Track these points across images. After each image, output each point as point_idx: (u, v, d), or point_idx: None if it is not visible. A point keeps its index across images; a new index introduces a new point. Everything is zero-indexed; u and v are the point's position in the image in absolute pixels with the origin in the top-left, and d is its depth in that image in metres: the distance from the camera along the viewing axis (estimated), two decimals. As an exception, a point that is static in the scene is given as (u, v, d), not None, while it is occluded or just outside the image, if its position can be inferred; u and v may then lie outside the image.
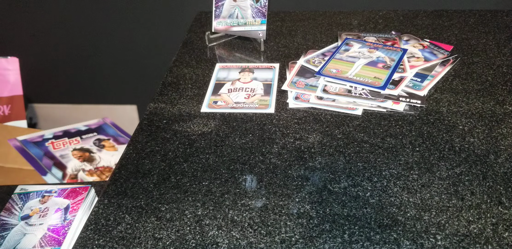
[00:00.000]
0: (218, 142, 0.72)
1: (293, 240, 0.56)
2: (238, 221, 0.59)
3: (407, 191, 0.61)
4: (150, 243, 0.57)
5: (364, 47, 0.88)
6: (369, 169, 0.65)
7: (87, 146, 1.12)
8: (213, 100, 0.82)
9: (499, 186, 0.61)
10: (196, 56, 0.96)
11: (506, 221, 0.56)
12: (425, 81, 0.80)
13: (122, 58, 1.59)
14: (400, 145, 0.69)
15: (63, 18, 1.51)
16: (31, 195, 0.76)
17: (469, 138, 0.69)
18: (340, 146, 0.70)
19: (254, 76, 0.88)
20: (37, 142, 1.10)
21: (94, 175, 1.05)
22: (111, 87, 1.70)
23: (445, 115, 0.74)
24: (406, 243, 0.54)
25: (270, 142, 0.71)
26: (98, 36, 1.54)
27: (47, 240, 0.67)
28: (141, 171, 0.68)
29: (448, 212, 0.58)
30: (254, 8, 0.92)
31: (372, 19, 1.05)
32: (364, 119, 0.75)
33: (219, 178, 0.66)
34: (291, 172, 0.66)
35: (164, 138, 0.74)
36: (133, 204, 0.62)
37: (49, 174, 1.01)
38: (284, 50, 0.96)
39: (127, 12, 1.46)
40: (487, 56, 0.88)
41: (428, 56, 0.87)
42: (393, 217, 0.58)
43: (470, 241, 0.54)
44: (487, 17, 1.02)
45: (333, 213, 0.59)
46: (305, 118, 0.76)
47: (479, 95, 0.78)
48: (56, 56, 1.63)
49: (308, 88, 0.81)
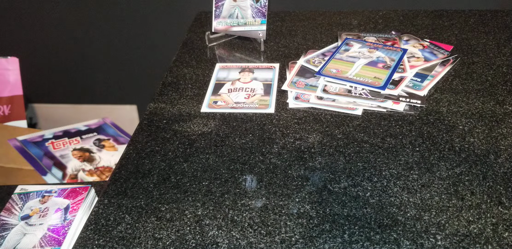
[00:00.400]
0: (218, 142, 0.72)
1: (293, 240, 0.56)
2: (238, 221, 0.59)
3: (407, 191, 0.61)
4: (150, 243, 0.57)
5: (364, 47, 0.88)
6: (369, 169, 0.65)
7: (87, 146, 1.12)
8: (213, 100, 0.82)
9: (499, 186, 0.61)
10: (196, 56, 0.96)
11: (506, 221, 0.56)
12: (425, 81, 0.80)
13: (122, 58, 1.59)
14: (400, 145, 0.69)
15: (63, 18, 1.51)
16: (31, 195, 0.76)
17: (469, 138, 0.69)
18: (340, 146, 0.70)
19: (254, 76, 0.88)
20: (37, 142, 1.10)
21: (94, 175, 1.05)
22: (111, 87, 1.70)
23: (445, 115, 0.74)
24: (406, 243, 0.54)
25: (270, 142, 0.71)
26: (98, 36, 1.54)
27: (47, 240, 0.67)
28: (141, 171, 0.68)
29: (448, 212, 0.58)
30: (254, 8, 0.92)
31: (372, 19, 1.05)
32: (364, 119, 0.75)
33: (219, 178, 0.66)
34: (291, 172, 0.66)
35: (164, 138, 0.74)
36: (133, 204, 0.62)
37: (49, 174, 1.01)
38: (284, 50, 0.96)
39: (127, 12, 1.46)
40: (487, 56, 0.88)
41: (428, 56, 0.87)
42: (393, 217, 0.58)
43: (470, 241, 0.54)
44: (487, 17, 1.02)
45: (333, 213, 0.59)
46: (305, 118, 0.76)
47: (479, 95, 0.78)
48: (56, 56, 1.63)
49: (308, 88, 0.81)
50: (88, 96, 1.75)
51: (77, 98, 1.76)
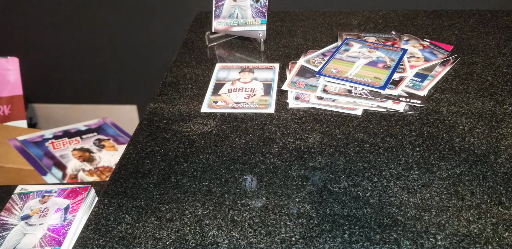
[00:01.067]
0: (218, 142, 0.72)
1: (293, 240, 0.56)
2: (238, 221, 0.59)
3: (407, 191, 0.61)
4: (150, 243, 0.57)
5: (364, 47, 0.88)
6: (369, 169, 0.65)
7: (87, 146, 1.12)
8: (213, 100, 0.82)
9: (499, 186, 0.61)
10: (196, 56, 0.96)
11: (506, 221, 0.56)
12: (425, 81, 0.80)
13: (122, 58, 1.59)
14: (400, 145, 0.69)
15: (63, 18, 1.51)
16: (31, 195, 0.76)
17: (469, 138, 0.69)
18: (340, 146, 0.70)
19: (254, 76, 0.88)
20: (37, 142, 1.10)
21: (94, 175, 1.05)
22: (111, 87, 1.70)
23: (445, 115, 0.74)
24: (406, 243, 0.54)
25: (270, 142, 0.71)
26: (98, 36, 1.54)
27: (47, 240, 0.67)
28: (141, 171, 0.68)
29: (448, 212, 0.58)
30: (254, 8, 0.92)
31: (372, 19, 1.05)
32: (364, 119, 0.75)
33: (219, 178, 0.66)
34: (291, 172, 0.66)
35: (164, 138, 0.74)
36: (133, 204, 0.62)
37: (49, 174, 1.01)
38: (284, 50, 0.96)
39: (127, 12, 1.46)
40: (487, 56, 0.88)
41: (428, 56, 0.87)
42: (393, 217, 0.58)
43: (470, 241, 0.54)
44: (487, 17, 1.02)
45: (333, 213, 0.59)
46: (305, 118, 0.76)
47: (479, 95, 0.78)
48: (56, 56, 1.63)
49: (308, 88, 0.81)
50: (88, 96, 1.75)
51: (77, 98, 1.76)
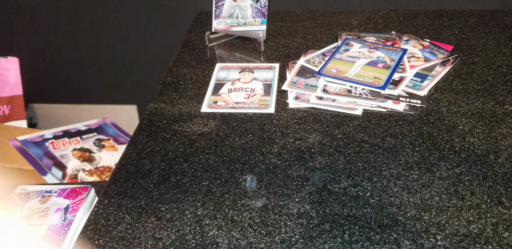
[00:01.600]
0: (218, 142, 0.72)
1: (293, 240, 0.56)
2: (238, 221, 0.59)
3: (407, 191, 0.61)
4: (150, 243, 0.57)
5: (364, 47, 0.88)
6: (369, 169, 0.65)
7: (87, 146, 1.12)
8: (213, 100, 0.82)
9: (499, 186, 0.61)
10: (196, 56, 0.96)
11: (506, 221, 0.56)
12: (425, 81, 0.80)
13: (122, 58, 1.59)
14: (400, 145, 0.69)
15: (63, 18, 1.51)
16: (31, 195, 0.76)
17: (469, 138, 0.69)
18: (340, 146, 0.70)
19: (254, 76, 0.88)
20: (37, 142, 1.10)
21: (94, 175, 1.05)
22: (111, 87, 1.70)
23: (445, 115, 0.74)
24: (406, 243, 0.54)
25: (270, 142, 0.71)
26: (98, 36, 1.54)
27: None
28: (141, 171, 0.68)
29: (448, 212, 0.58)
30: (254, 8, 0.92)
31: (372, 19, 1.05)
32: (364, 119, 0.75)
33: (219, 178, 0.66)
34: (291, 172, 0.66)
35: (164, 138, 0.74)
36: (133, 204, 0.62)
37: (49, 174, 1.01)
38: (284, 50, 0.96)
39: (127, 12, 1.46)
40: (487, 56, 0.88)
41: (428, 56, 0.87)
42: (393, 217, 0.58)
43: (470, 241, 0.54)
44: (487, 17, 1.02)
45: (333, 213, 0.59)
46: (305, 118, 0.76)
47: (479, 95, 0.78)
48: (56, 56, 1.63)
49: (308, 88, 0.81)
50: (88, 96, 1.75)
51: (77, 98, 1.76)
